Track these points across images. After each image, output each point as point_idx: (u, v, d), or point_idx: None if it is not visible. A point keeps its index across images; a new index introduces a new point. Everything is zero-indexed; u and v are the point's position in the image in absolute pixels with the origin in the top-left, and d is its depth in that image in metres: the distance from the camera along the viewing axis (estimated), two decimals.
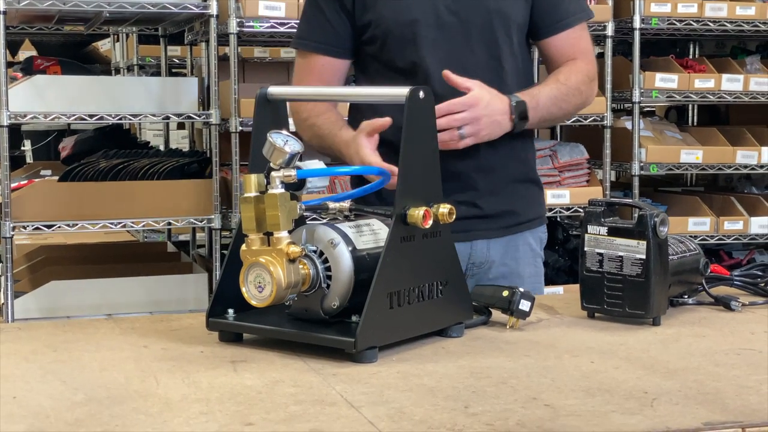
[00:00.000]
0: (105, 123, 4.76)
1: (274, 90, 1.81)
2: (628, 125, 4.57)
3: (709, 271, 2.04)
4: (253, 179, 1.64)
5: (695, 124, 5.69)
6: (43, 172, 4.37)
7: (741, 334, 1.80)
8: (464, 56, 2.19)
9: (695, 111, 5.75)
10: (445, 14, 2.18)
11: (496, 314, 1.86)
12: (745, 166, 4.67)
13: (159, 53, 5.70)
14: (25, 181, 3.93)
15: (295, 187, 1.67)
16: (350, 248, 1.66)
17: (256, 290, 1.62)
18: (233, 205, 3.91)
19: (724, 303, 2.00)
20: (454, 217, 1.69)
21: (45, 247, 4.94)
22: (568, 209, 4.34)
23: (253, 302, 1.62)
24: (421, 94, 1.66)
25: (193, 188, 3.86)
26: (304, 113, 2.24)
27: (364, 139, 2.01)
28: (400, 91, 1.66)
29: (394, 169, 1.76)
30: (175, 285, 4.05)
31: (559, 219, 4.80)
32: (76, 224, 3.71)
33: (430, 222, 1.64)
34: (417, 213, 1.63)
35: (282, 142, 1.63)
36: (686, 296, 2.03)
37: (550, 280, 4.37)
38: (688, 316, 1.94)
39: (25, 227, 3.67)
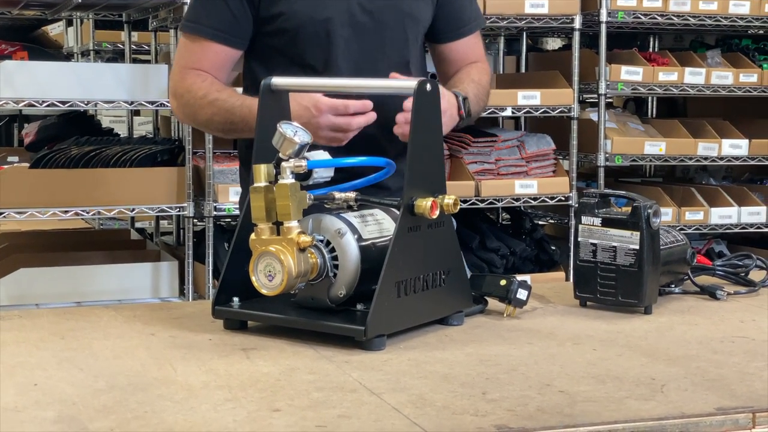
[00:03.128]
0: (65, 110, 4.72)
1: (278, 81, 1.83)
2: (593, 117, 4.64)
3: (695, 261, 2.10)
4: (263, 169, 1.66)
5: (654, 115, 5.78)
6: (10, 159, 4.33)
7: (731, 323, 1.85)
8: (376, 57, 2.17)
9: (654, 103, 5.84)
10: (359, 14, 2.16)
11: (492, 302, 1.90)
12: (706, 158, 4.77)
13: (114, 38, 5.66)
14: None
15: (301, 178, 1.69)
16: (356, 238, 1.68)
17: (266, 279, 1.64)
18: (206, 194, 3.91)
19: (709, 292, 2.06)
20: (458, 207, 1.73)
21: (6, 234, 4.90)
22: (535, 199, 4.40)
23: (264, 291, 1.64)
24: (428, 87, 1.69)
25: (166, 176, 3.85)
26: (201, 91, 2.14)
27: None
28: (408, 84, 1.69)
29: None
30: (145, 273, 4.04)
31: (523, 208, 4.86)
32: (48, 211, 3.69)
33: (437, 212, 1.68)
34: (424, 204, 1.66)
35: (292, 132, 1.66)
36: (673, 285, 2.08)
37: (516, 269, 4.44)
38: (676, 305, 1.99)
39: None
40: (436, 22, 2.27)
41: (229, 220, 4.63)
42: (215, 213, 3.91)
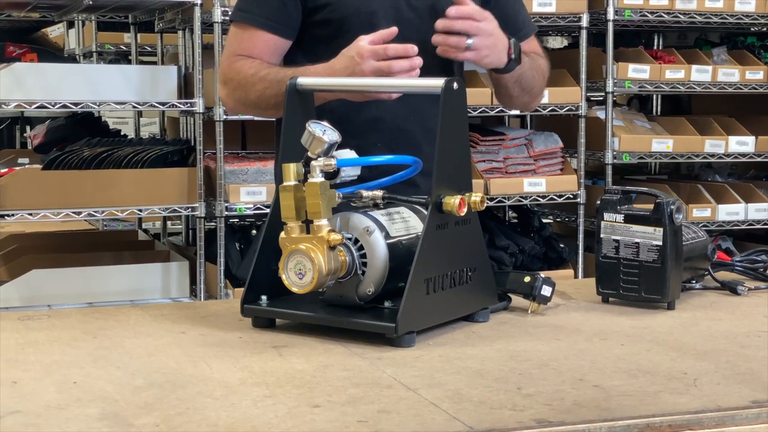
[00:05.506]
0: (67, 111, 4.73)
1: (303, 81, 1.84)
2: (600, 115, 4.65)
3: (716, 257, 2.11)
4: (292, 168, 1.67)
5: (659, 113, 5.79)
6: (20, 160, 4.34)
7: (755, 318, 1.87)
8: (419, 54, 2.09)
9: (659, 100, 5.85)
10: (405, 9, 2.16)
11: (515, 299, 1.92)
12: (713, 155, 4.78)
13: (117, 40, 5.68)
14: (5, 169, 3.90)
15: (329, 176, 1.71)
16: (384, 236, 1.70)
17: (296, 277, 1.65)
18: (217, 194, 3.92)
19: (730, 288, 2.08)
20: (485, 205, 1.74)
21: (14, 235, 4.91)
22: (543, 197, 4.41)
23: (294, 289, 1.65)
24: (455, 85, 1.70)
25: (177, 176, 3.86)
26: (251, 70, 2.14)
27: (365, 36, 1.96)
28: (435, 83, 1.70)
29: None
30: (156, 273, 4.05)
31: (530, 206, 4.87)
32: (61, 212, 3.70)
33: (465, 210, 1.69)
34: (453, 201, 1.67)
35: (321, 131, 1.67)
36: (693, 281, 2.09)
37: (525, 267, 4.45)
38: (698, 300, 2.01)
39: (10, 215, 3.66)
40: None
41: (236, 220, 4.64)
42: (226, 213, 3.93)
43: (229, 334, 1.71)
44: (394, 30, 1.97)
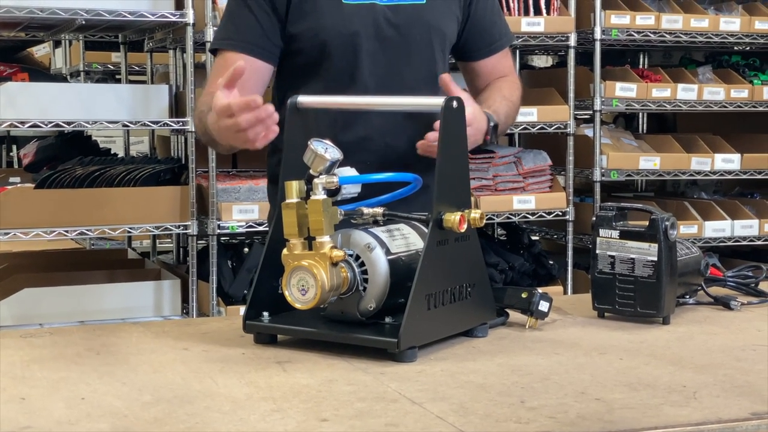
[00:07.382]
0: (55, 130, 4.73)
1: (304, 99, 1.87)
2: (588, 133, 4.70)
3: (709, 272, 2.14)
4: (295, 186, 1.69)
5: (644, 131, 5.84)
6: (11, 179, 4.34)
7: (749, 332, 1.90)
8: (403, 70, 2.18)
9: (644, 119, 5.90)
10: (386, 27, 2.17)
11: (512, 314, 1.94)
12: (699, 172, 4.83)
13: (104, 59, 5.69)
14: None
15: (330, 194, 1.73)
16: (385, 252, 1.72)
17: (299, 293, 1.67)
18: (209, 212, 3.94)
19: (723, 303, 2.11)
20: (484, 221, 1.77)
21: (3, 254, 4.90)
22: (533, 214, 4.45)
23: (297, 305, 1.67)
24: (455, 104, 1.73)
25: (170, 195, 3.88)
26: (203, 108, 2.08)
27: (220, 91, 1.86)
28: (435, 101, 1.73)
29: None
30: (148, 292, 4.06)
31: (518, 223, 4.91)
32: (53, 231, 3.71)
33: (465, 226, 1.71)
34: (453, 218, 1.69)
35: (323, 149, 1.70)
36: (687, 296, 2.12)
37: (515, 284, 4.47)
38: (692, 315, 2.03)
39: (2, 234, 3.66)
40: (466, 40, 2.29)
41: (228, 238, 4.66)
42: (219, 231, 3.94)
43: (232, 350, 1.72)
44: (240, 66, 1.84)
